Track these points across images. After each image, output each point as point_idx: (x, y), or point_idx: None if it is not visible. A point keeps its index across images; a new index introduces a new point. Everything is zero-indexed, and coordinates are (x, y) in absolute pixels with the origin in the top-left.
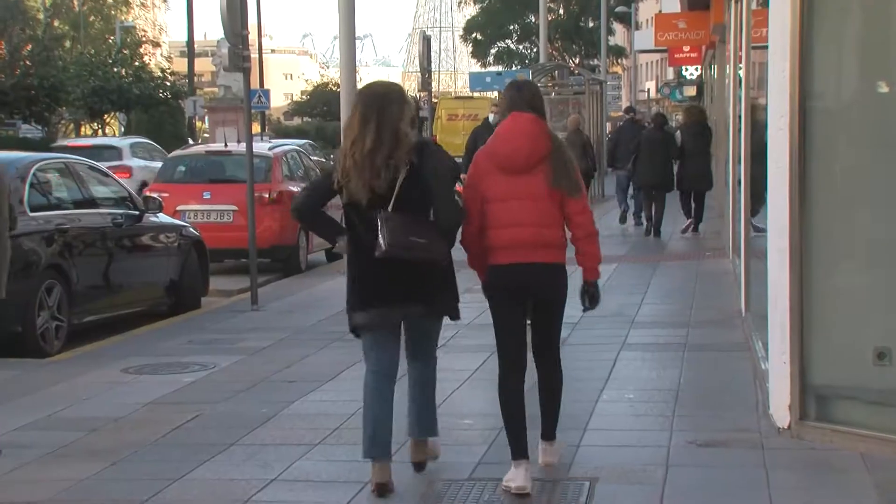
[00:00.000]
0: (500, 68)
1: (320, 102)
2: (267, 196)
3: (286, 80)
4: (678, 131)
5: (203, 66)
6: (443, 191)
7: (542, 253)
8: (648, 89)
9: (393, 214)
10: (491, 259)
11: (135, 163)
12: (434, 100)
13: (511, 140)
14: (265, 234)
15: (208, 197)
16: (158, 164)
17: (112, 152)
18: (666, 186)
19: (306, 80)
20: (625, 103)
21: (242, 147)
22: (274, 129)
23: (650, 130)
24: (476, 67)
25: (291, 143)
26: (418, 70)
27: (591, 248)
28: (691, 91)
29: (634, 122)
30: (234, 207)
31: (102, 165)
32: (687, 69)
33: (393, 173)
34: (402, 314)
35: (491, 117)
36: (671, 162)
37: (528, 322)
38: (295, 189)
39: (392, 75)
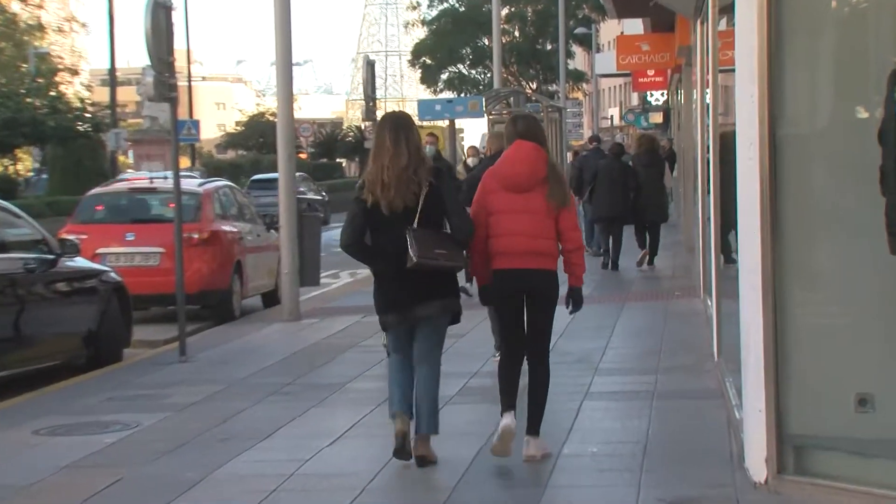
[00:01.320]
0: (451, 95)
1: (256, 133)
2: (196, 237)
3: (218, 109)
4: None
5: (127, 95)
6: (457, 207)
7: (535, 260)
8: (612, 116)
9: (419, 229)
10: (493, 264)
11: None
12: None
13: (514, 164)
14: (194, 277)
15: (132, 238)
16: None
17: None
18: (623, 218)
19: (240, 110)
20: (587, 131)
21: (169, 183)
22: (205, 163)
23: (608, 160)
24: (425, 94)
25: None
26: (362, 98)
27: (579, 260)
28: (657, 118)
29: (599, 151)
30: (161, 249)
31: (11, 205)
32: (652, 94)
33: (416, 189)
34: (422, 314)
35: (470, 161)
36: (629, 193)
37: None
38: (228, 228)
39: (334, 104)
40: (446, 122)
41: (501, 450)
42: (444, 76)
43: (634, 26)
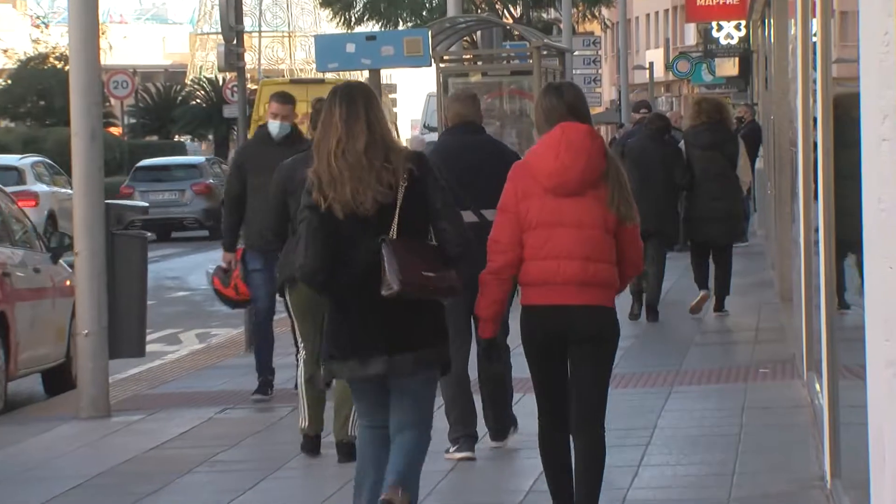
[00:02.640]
0: (372, 28)
1: (32, 90)
2: None
3: None
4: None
5: None
6: (451, 210)
7: (587, 293)
8: (651, 64)
9: (398, 241)
10: (524, 299)
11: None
12: (252, 86)
13: (561, 156)
14: None
15: None
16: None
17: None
18: (667, 235)
19: (5, 51)
20: (607, 89)
21: None
22: None
23: (641, 140)
24: (330, 27)
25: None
26: (219, 31)
27: (627, 284)
28: (728, 69)
29: (655, 128)
30: None
31: None
32: (721, 27)
33: (388, 183)
34: (387, 366)
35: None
36: (677, 194)
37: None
38: None
39: (171, 41)
40: (364, 76)
41: None
42: None
43: None
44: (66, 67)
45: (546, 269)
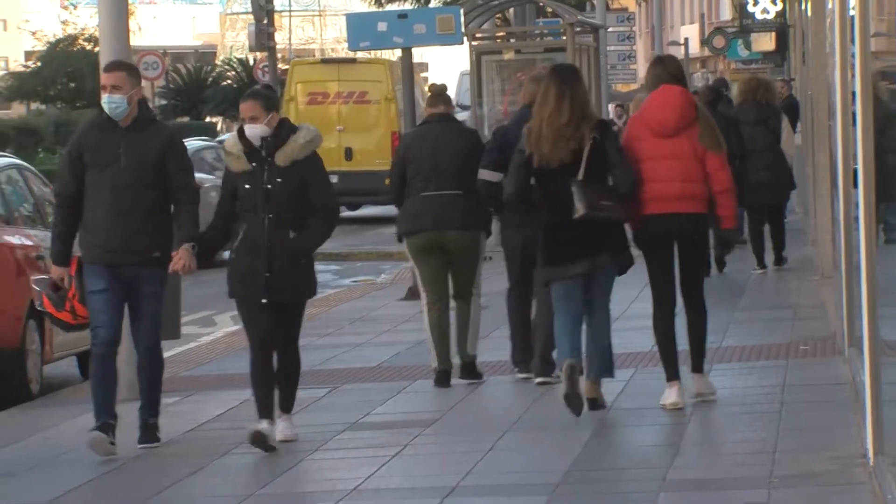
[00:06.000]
0: (403, 6)
1: (62, 72)
2: None
3: None
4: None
5: None
6: (622, 160)
7: (686, 204)
8: (686, 40)
9: (584, 182)
10: (643, 210)
11: None
12: (283, 66)
13: (663, 108)
14: None
15: None
16: None
17: None
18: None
19: (33, 33)
20: (642, 65)
21: None
22: None
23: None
24: (361, 6)
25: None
26: (249, 11)
27: (728, 202)
28: (765, 43)
29: (707, 101)
30: None
31: None
32: (757, 2)
33: (578, 144)
34: (590, 266)
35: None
36: (732, 162)
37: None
38: (16, 241)
39: (201, 21)
40: (396, 54)
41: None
42: None
43: None
44: (96, 49)
45: (655, 188)
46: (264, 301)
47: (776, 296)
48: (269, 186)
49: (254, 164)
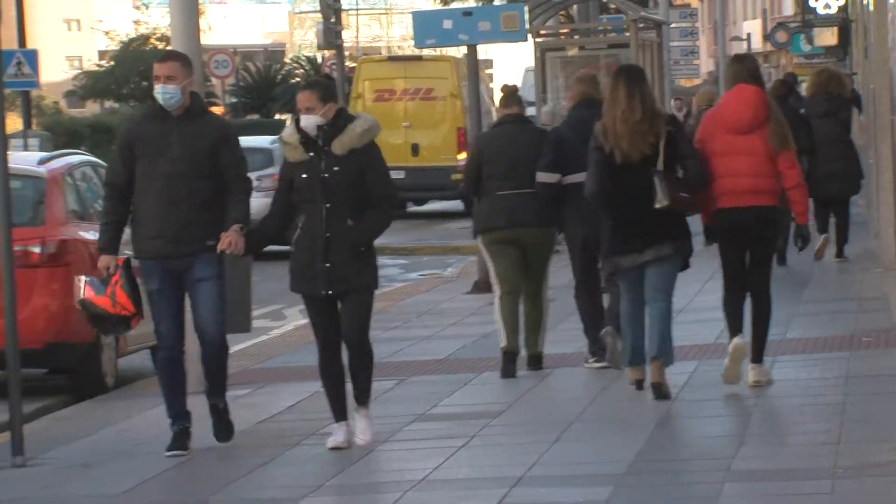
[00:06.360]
0: (468, 2)
1: (134, 72)
2: (38, 251)
3: (70, 30)
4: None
5: None
6: (693, 154)
7: (757, 198)
8: (749, 35)
9: (664, 173)
10: (717, 203)
11: None
12: (350, 64)
13: (738, 107)
14: (36, 321)
15: None
16: None
17: None
18: None
19: (107, 32)
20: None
21: None
22: (49, 125)
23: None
24: (426, 3)
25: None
26: (317, 10)
27: (799, 197)
28: (827, 38)
29: (778, 95)
30: None
31: None
32: None
33: (655, 138)
34: (654, 255)
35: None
36: (801, 156)
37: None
38: (88, 236)
39: (270, 20)
40: (461, 51)
41: (732, 375)
42: None
43: None
44: (168, 48)
45: (728, 183)
46: (325, 293)
47: (839, 288)
48: (326, 175)
49: (311, 154)
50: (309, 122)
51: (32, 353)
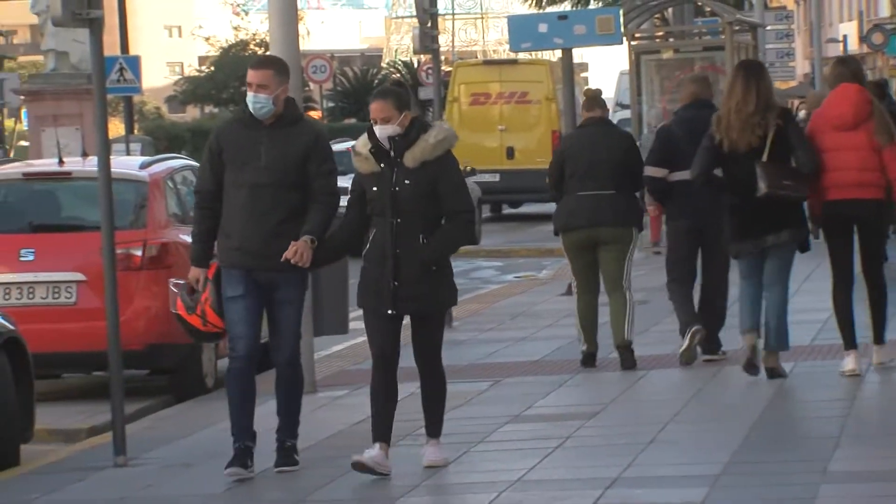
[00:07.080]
0: (563, 6)
1: (234, 77)
2: (140, 253)
3: (171, 36)
4: None
5: (16, 13)
6: (804, 144)
7: (864, 190)
8: (845, 37)
9: (768, 163)
10: (825, 196)
11: None
12: (446, 68)
13: (841, 105)
14: (138, 323)
15: (30, 258)
16: None
17: None
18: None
19: (207, 38)
20: (801, 63)
21: (90, 166)
22: (151, 129)
23: None
24: (521, 8)
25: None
26: (414, 15)
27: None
28: None
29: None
30: (80, 276)
31: None
32: None
33: (764, 130)
34: (773, 241)
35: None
36: None
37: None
38: (188, 239)
39: (367, 25)
40: (557, 55)
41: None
42: None
43: None
44: (267, 53)
45: (835, 176)
46: (390, 312)
47: None
48: (397, 188)
49: (382, 166)
50: (383, 132)
51: (134, 354)
